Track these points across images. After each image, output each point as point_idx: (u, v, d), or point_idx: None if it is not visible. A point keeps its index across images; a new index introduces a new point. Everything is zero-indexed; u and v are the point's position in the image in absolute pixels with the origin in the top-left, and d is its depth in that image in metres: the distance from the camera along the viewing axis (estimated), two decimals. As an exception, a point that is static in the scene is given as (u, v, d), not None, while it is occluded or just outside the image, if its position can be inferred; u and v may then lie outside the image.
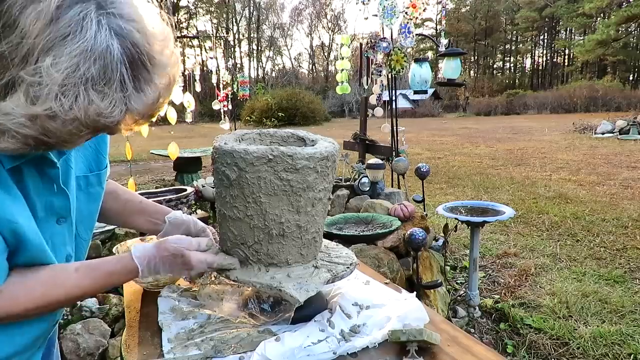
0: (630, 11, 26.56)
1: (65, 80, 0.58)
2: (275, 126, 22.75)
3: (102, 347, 2.13)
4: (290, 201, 0.92)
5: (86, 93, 0.60)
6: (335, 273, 0.98)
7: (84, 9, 0.58)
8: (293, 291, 0.89)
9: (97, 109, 0.61)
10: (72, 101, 0.59)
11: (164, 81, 0.69)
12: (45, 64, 0.56)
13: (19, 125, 0.59)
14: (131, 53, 0.62)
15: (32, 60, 0.57)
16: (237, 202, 0.93)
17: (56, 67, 0.57)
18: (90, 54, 0.58)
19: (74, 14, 0.58)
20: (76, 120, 0.61)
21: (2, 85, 0.58)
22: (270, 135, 1.10)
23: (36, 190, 0.76)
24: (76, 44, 0.57)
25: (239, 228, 0.96)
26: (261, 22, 51.48)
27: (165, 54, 0.68)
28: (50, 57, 0.57)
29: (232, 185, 0.92)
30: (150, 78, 0.66)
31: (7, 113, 0.59)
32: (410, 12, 3.56)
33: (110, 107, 0.62)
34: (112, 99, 0.62)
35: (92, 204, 0.92)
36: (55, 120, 0.60)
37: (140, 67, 0.64)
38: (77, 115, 0.60)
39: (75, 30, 0.58)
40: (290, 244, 0.96)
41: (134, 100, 0.65)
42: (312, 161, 0.91)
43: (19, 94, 0.58)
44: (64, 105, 0.59)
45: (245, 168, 0.89)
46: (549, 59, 55.59)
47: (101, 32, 0.59)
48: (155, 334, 0.99)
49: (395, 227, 2.70)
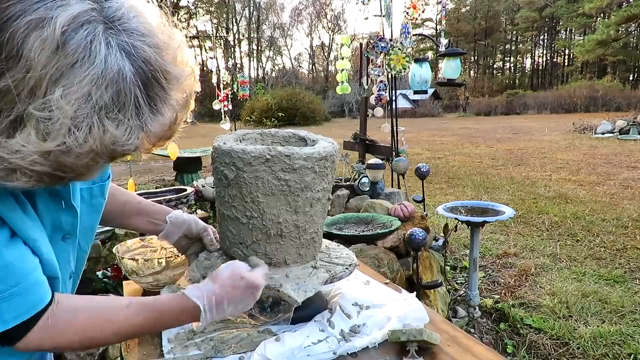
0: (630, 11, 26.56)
1: (77, 112, 0.54)
2: (275, 126, 22.74)
3: (102, 348, 2.13)
4: (288, 201, 0.92)
5: (100, 123, 0.56)
6: (333, 273, 0.98)
7: (91, 31, 0.54)
8: (291, 292, 0.89)
9: (113, 138, 0.57)
10: (86, 133, 0.55)
11: (180, 96, 0.65)
12: (54, 96, 0.52)
13: (31, 162, 0.55)
14: (144, 72, 0.58)
15: (40, 94, 0.52)
16: (235, 202, 0.93)
17: (66, 99, 0.53)
18: (102, 80, 0.54)
19: (81, 39, 0.53)
20: (92, 152, 0.57)
21: (9, 122, 0.54)
22: (272, 135, 1.10)
23: (45, 208, 0.73)
24: (86, 71, 0.53)
25: (238, 227, 0.96)
26: (261, 22, 51.47)
27: (178, 63, 0.63)
28: (59, 88, 0.52)
29: (230, 184, 0.92)
30: (165, 96, 0.62)
31: (18, 151, 0.54)
32: (410, 13, 3.56)
33: (127, 134, 0.58)
34: (128, 125, 0.58)
35: (94, 215, 0.89)
36: (70, 154, 0.56)
37: (155, 85, 0.60)
38: (92, 147, 0.56)
39: (83, 56, 0.53)
40: (289, 244, 0.96)
41: (150, 123, 0.61)
42: (309, 161, 0.91)
43: (29, 129, 0.53)
44: (78, 138, 0.55)
45: (243, 168, 0.89)
46: (549, 59, 55.58)
47: (111, 54, 0.55)
48: (155, 334, 0.99)
49: (395, 227, 2.69)
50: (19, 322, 0.66)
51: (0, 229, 0.64)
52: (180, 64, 0.64)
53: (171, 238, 1.06)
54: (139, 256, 1.23)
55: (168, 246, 1.30)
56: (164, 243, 1.31)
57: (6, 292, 0.64)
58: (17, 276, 0.65)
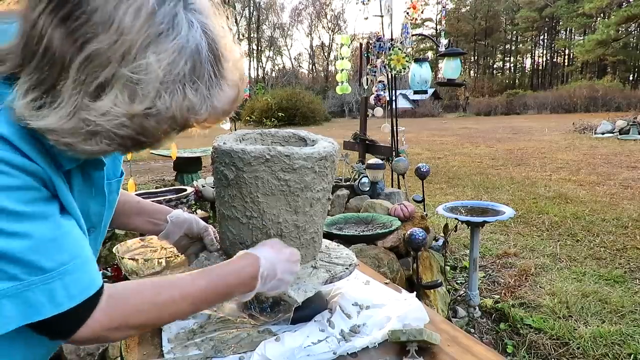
0: (630, 11, 26.57)
1: (165, 77, 0.57)
2: (275, 126, 22.73)
3: (102, 347, 2.13)
4: (288, 201, 0.92)
5: (182, 90, 0.60)
6: (333, 273, 0.98)
7: (173, 6, 0.58)
8: (291, 292, 0.89)
9: (190, 105, 0.61)
10: (171, 98, 0.59)
11: (237, 76, 0.69)
12: (148, 60, 0.56)
13: (118, 125, 0.57)
14: (214, 49, 0.63)
15: (130, 58, 0.55)
16: (235, 202, 0.93)
17: (159, 64, 0.56)
18: (184, 52, 0.58)
19: (167, 11, 0.57)
20: (172, 118, 0.61)
21: (97, 85, 0.56)
22: (272, 135, 1.10)
23: (79, 192, 0.72)
24: (172, 41, 0.57)
25: (238, 228, 0.96)
26: (261, 22, 51.48)
27: (229, 48, 0.68)
28: (150, 53, 0.56)
29: (230, 185, 0.92)
30: (225, 75, 0.66)
31: (105, 112, 0.56)
32: (410, 13, 3.56)
33: (200, 104, 0.63)
34: (202, 95, 0.62)
35: (110, 211, 0.88)
36: (153, 118, 0.59)
37: (220, 62, 0.65)
38: (174, 112, 0.60)
39: (168, 27, 0.57)
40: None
41: (216, 97, 0.65)
42: (309, 161, 0.91)
43: (116, 91, 0.56)
44: (165, 102, 0.58)
45: (243, 168, 0.89)
46: (549, 59, 55.59)
47: (192, 29, 0.59)
48: (155, 334, 0.99)
49: (395, 227, 2.69)
50: (84, 298, 0.61)
51: (54, 200, 0.63)
52: (231, 51, 0.68)
53: (172, 237, 1.05)
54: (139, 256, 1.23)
55: (168, 246, 1.30)
56: (164, 243, 1.31)
57: (70, 264, 0.60)
58: (77, 247, 0.63)
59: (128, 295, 0.67)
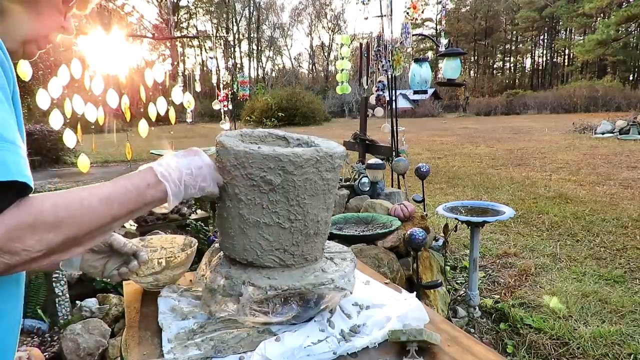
0: (630, 11, 26.56)
1: None
2: (275, 126, 22.74)
3: (102, 347, 2.13)
4: (325, 199, 0.95)
5: None
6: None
7: None
8: (342, 283, 0.93)
9: None
10: None
11: None
12: None
13: None
14: None
15: None
16: (277, 207, 0.89)
17: None
18: None
19: None
20: None
21: None
22: (249, 135, 1.07)
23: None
24: None
25: (276, 234, 0.92)
26: (261, 22, 51.47)
27: None
28: None
29: (274, 190, 0.88)
30: None
31: None
32: (410, 13, 3.56)
33: None
34: None
35: None
36: None
37: None
38: None
39: None
40: (320, 240, 0.98)
41: None
42: (341, 159, 0.95)
43: None
44: None
45: (293, 171, 0.86)
46: (549, 59, 55.56)
47: None
48: (155, 334, 0.99)
49: (395, 227, 2.69)
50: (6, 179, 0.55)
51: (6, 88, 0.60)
52: None
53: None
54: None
55: (168, 246, 1.30)
56: (164, 243, 1.31)
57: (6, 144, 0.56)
58: (11, 133, 0.58)
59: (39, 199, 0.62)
